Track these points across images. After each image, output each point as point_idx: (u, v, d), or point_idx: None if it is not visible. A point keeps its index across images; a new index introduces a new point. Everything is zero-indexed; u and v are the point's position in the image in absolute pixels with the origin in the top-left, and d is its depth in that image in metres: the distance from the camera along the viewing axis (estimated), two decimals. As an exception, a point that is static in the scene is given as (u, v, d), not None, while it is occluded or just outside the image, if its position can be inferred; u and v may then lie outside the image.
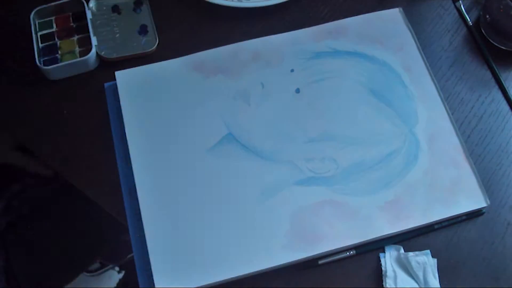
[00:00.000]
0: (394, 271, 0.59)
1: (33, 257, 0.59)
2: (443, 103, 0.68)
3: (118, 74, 0.69)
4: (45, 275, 0.58)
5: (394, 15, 0.74)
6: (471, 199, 0.63)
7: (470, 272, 0.60)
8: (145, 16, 0.74)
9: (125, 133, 0.65)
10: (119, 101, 0.67)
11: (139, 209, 0.61)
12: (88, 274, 0.58)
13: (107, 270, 0.59)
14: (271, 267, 0.58)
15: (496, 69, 0.72)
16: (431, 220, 0.61)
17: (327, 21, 0.74)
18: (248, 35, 0.72)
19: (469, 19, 0.76)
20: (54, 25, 0.73)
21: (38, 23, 0.73)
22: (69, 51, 0.71)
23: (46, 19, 0.73)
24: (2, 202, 0.51)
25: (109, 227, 0.61)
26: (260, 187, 0.62)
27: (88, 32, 0.71)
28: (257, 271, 0.58)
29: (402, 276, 0.59)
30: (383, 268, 0.59)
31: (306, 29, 0.73)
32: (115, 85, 0.68)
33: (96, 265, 0.59)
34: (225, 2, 0.74)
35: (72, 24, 0.73)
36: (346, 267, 0.60)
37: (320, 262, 0.60)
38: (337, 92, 0.68)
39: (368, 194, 0.62)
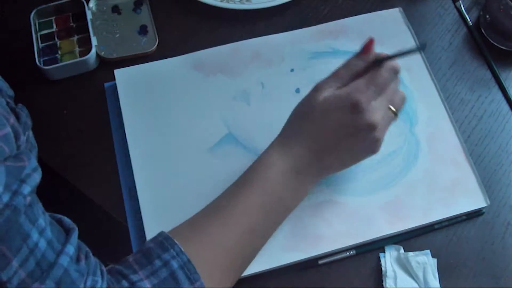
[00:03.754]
0: (394, 271, 0.59)
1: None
2: (443, 103, 0.68)
3: (117, 72, 0.69)
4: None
5: (394, 15, 0.74)
6: (471, 199, 0.62)
7: (470, 272, 0.60)
8: (145, 16, 0.74)
9: (125, 133, 0.65)
10: (119, 101, 0.67)
11: (139, 209, 0.61)
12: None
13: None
14: (271, 268, 0.58)
15: (496, 69, 0.72)
16: (431, 220, 0.61)
17: (327, 21, 0.74)
18: (248, 35, 0.72)
19: (469, 19, 0.76)
20: (54, 25, 0.73)
21: (38, 23, 0.73)
22: (69, 51, 0.71)
23: (46, 19, 0.73)
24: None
25: (109, 227, 0.61)
26: (260, 187, 0.62)
27: (88, 32, 0.71)
28: (257, 272, 0.58)
29: (402, 276, 0.59)
30: (383, 268, 0.59)
31: (306, 29, 0.73)
32: (115, 85, 0.68)
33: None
34: (226, 5, 0.73)
35: (72, 24, 0.73)
36: (346, 267, 0.60)
37: (320, 262, 0.59)
38: (337, 92, 0.68)
39: (368, 194, 0.62)
